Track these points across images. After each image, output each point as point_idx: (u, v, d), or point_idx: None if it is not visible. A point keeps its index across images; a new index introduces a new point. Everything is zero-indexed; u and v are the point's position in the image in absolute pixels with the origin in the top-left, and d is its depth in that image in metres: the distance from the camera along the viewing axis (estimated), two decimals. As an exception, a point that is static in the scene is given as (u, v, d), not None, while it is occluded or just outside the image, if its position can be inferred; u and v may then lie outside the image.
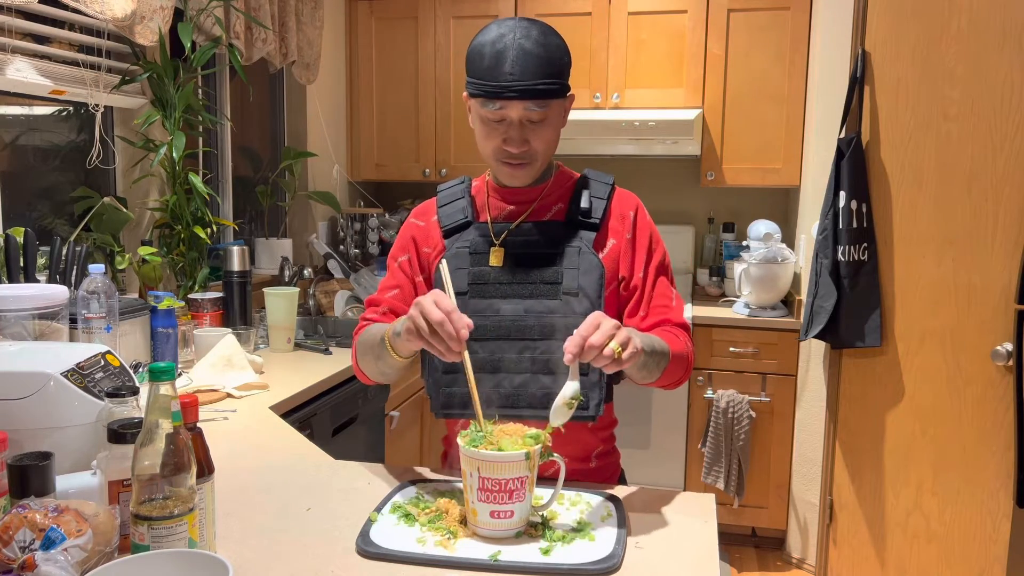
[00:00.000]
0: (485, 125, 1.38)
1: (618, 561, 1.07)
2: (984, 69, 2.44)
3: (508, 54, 1.31)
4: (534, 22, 1.36)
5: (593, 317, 1.16)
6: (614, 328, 1.14)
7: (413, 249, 1.50)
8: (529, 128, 1.36)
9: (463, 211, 1.47)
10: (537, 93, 1.32)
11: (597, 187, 1.47)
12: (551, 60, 1.33)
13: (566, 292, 1.39)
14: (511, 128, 1.35)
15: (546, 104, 1.34)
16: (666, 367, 1.34)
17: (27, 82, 2.14)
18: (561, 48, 1.36)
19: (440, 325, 1.15)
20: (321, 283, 3.17)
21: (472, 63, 1.36)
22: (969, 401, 2.54)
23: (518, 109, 1.33)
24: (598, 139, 3.38)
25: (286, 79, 3.48)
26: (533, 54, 1.31)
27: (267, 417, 1.87)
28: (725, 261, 3.64)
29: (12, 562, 0.91)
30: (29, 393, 1.23)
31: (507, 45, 1.32)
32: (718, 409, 3.16)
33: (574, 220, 1.43)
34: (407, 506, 1.24)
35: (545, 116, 1.35)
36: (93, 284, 1.90)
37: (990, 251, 2.48)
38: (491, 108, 1.34)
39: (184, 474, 0.96)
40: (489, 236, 1.44)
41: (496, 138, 1.37)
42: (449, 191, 1.52)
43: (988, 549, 2.57)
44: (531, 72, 1.31)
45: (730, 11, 3.32)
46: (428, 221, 1.51)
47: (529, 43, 1.32)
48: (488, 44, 1.33)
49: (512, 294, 1.40)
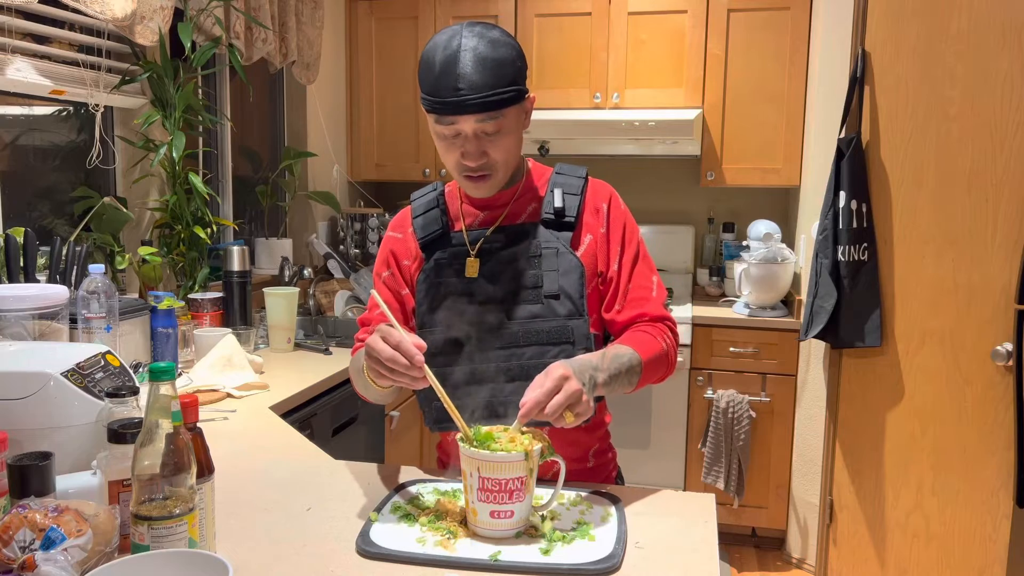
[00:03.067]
0: (441, 140, 1.34)
1: (618, 561, 1.07)
2: (984, 69, 2.44)
3: (455, 67, 1.26)
4: (482, 27, 1.30)
5: (552, 380, 1.14)
6: (568, 396, 1.13)
7: (394, 263, 1.49)
8: (486, 140, 1.31)
9: (437, 221, 1.45)
10: (488, 106, 1.27)
11: (569, 182, 1.44)
12: (500, 69, 1.27)
13: (547, 295, 1.37)
14: (467, 142, 1.31)
15: (499, 114, 1.29)
16: (640, 377, 1.33)
17: (27, 82, 2.14)
18: (511, 53, 1.30)
19: (392, 361, 1.14)
20: (321, 283, 3.17)
21: (421, 76, 1.31)
22: (969, 401, 2.54)
23: (471, 123, 1.29)
24: (598, 139, 3.37)
25: (286, 79, 3.48)
26: (480, 65, 1.26)
27: (267, 417, 1.87)
28: (725, 261, 3.64)
29: (12, 562, 0.91)
30: (29, 393, 1.23)
31: (454, 57, 1.26)
32: (718, 409, 3.16)
33: (548, 220, 1.41)
34: (407, 506, 1.24)
35: (500, 126, 1.31)
36: (93, 284, 1.90)
37: (990, 251, 2.48)
38: (444, 124, 1.30)
39: (184, 474, 0.96)
40: (465, 245, 1.42)
41: (454, 152, 1.33)
42: (423, 200, 1.49)
43: (988, 549, 2.57)
44: (480, 84, 1.26)
45: (730, 11, 3.32)
46: (405, 232, 1.49)
47: (476, 53, 1.26)
48: (434, 57, 1.28)
49: (494, 302, 1.38)
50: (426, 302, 1.42)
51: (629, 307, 1.40)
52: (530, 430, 1.20)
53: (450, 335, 1.39)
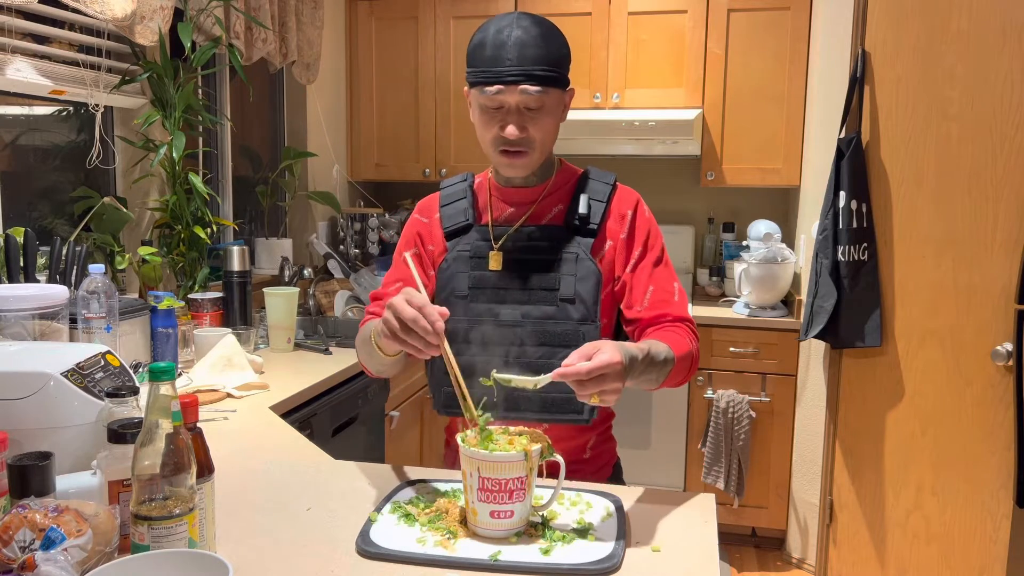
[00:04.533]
0: (484, 114, 1.38)
1: (618, 561, 1.07)
2: (984, 69, 2.44)
3: (507, 42, 1.33)
4: (534, 16, 1.38)
5: (601, 363, 1.11)
6: (605, 384, 1.11)
7: (419, 244, 1.52)
8: (527, 115, 1.36)
9: (464, 213, 1.48)
10: (534, 77, 1.33)
11: (597, 188, 1.46)
12: (549, 48, 1.35)
13: (563, 299, 1.39)
14: (509, 115, 1.36)
15: (544, 91, 1.35)
16: (669, 372, 1.32)
17: (27, 82, 2.14)
18: (560, 40, 1.38)
19: (414, 321, 1.15)
20: (321, 283, 3.16)
21: (472, 54, 1.38)
22: (969, 401, 2.54)
23: (515, 95, 1.34)
24: (598, 139, 3.38)
25: (286, 79, 3.48)
26: (531, 42, 1.34)
27: (267, 417, 1.87)
28: (725, 261, 3.64)
29: (12, 562, 0.91)
30: (29, 393, 1.23)
31: (506, 34, 1.34)
32: (718, 409, 3.16)
33: (572, 226, 1.43)
34: (407, 506, 1.24)
35: (543, 104, 1.36)
36: (93, 284, 1.90)
37: (990, 251, 2.48)
38: (489, 94, 1.35)
39: (184, 474, 0.96)
40: (489, 240, 1.45)
41: (494, 126, 1.38)
42: (452, 189, 1.53)
43: (988, 549, 2.57)
44: (529, 58, 1.33)
45: (730, 11, 3.32)
46: (431, 218, 1.52)
47: (528, 33, 1.34)
48: (488, 35, 1.36)
49: (510, 299, 1.41)
50: (446, 291, 1.45)
51: (653, 306, 1.42)
52: (530, 430, 1.20)
53: (464, 325, 1.42)
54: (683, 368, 1.36)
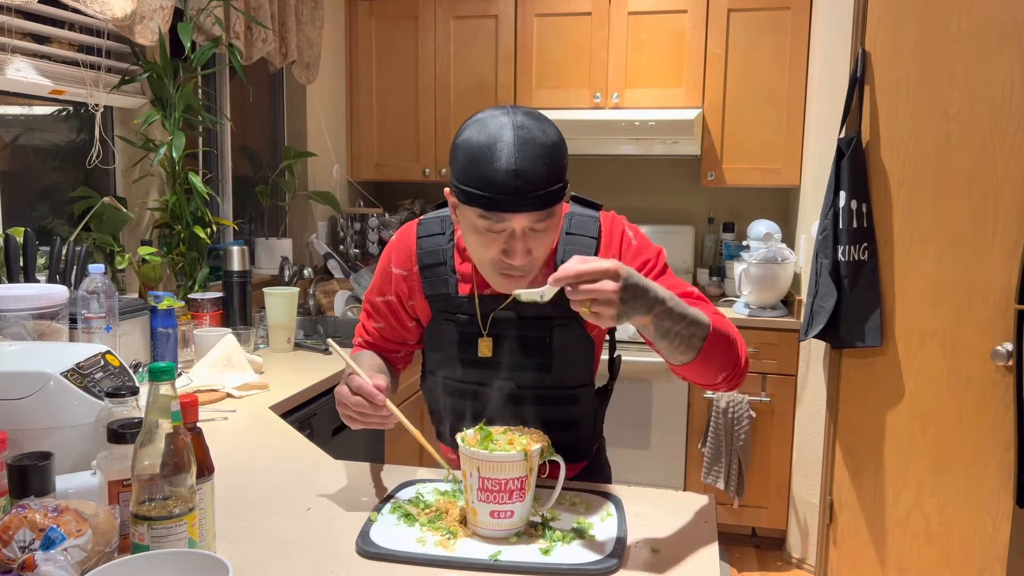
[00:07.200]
0: (479, 235, 1.20)
1: (618, 561, 1.07)
2: (984, 69, 2.44)
3: (510, 164, 1.14)
4: (526, 112, 1.19)
5: (600, 268, 1.02)
6: (598, 291, 1.02)
7: (399, 300, 1.44)
8: (531, 237, 1.20)
9: (445, 283, 1.37)
10: (546, 202, 1.16)
11: (580, 243, 1.33)
12: (555, 159, 1.17)
13: (557, 369, 1.36)
14: (512, 239, 1.19)
15: (553, 210, 1.19)
16: (703, 344, 1.14)
17: (27, 82, 2.14)
18: (561, 140, 1.20)
19: (359, 406, 1.20)
20: (321, 283, 3.17)
21: (462, 166, 1.18)
22: (969, 401, 2.54)
23: (523, 220, 1.17)
24: (598, 139, 3.37)
25: (286, 79, 3.48)
26: (537, 156, 1.15)
27: (267, 417, 1.87)
28: (725, 261, 3.63)
29: (12, 562, 0.91)
30: (29, 393, 1.23)
31: (505, 146, 1.14)
32: (718, 409, 3.16)
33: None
34: (407, 506, 1.24)
35: (550, 224, 1.20)
36: (93, 284, 1.90)
37: (990, 251, 2.48)
38: (490, 221, 1.17)
39: (184, 474, 0.96)
40: (475, 317, 1.35)
41: (494, 248, 1.21)
42: (431, 248, 1.38)
43: (988, 549, 2.57)
44: (537, 179, 1.14)
45: (730, 11, 3.32)
46: (411, 271, 1.41)
47: (531, 146, 1.15)
48: (481, 145, 1.16)
49: (504, 374, 1.36)
50: (435, 358, 1.44)
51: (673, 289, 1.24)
52: (530, 430, 1.20)
53: (457, 386, 1.42)
54: (723, 345, 1.18)
